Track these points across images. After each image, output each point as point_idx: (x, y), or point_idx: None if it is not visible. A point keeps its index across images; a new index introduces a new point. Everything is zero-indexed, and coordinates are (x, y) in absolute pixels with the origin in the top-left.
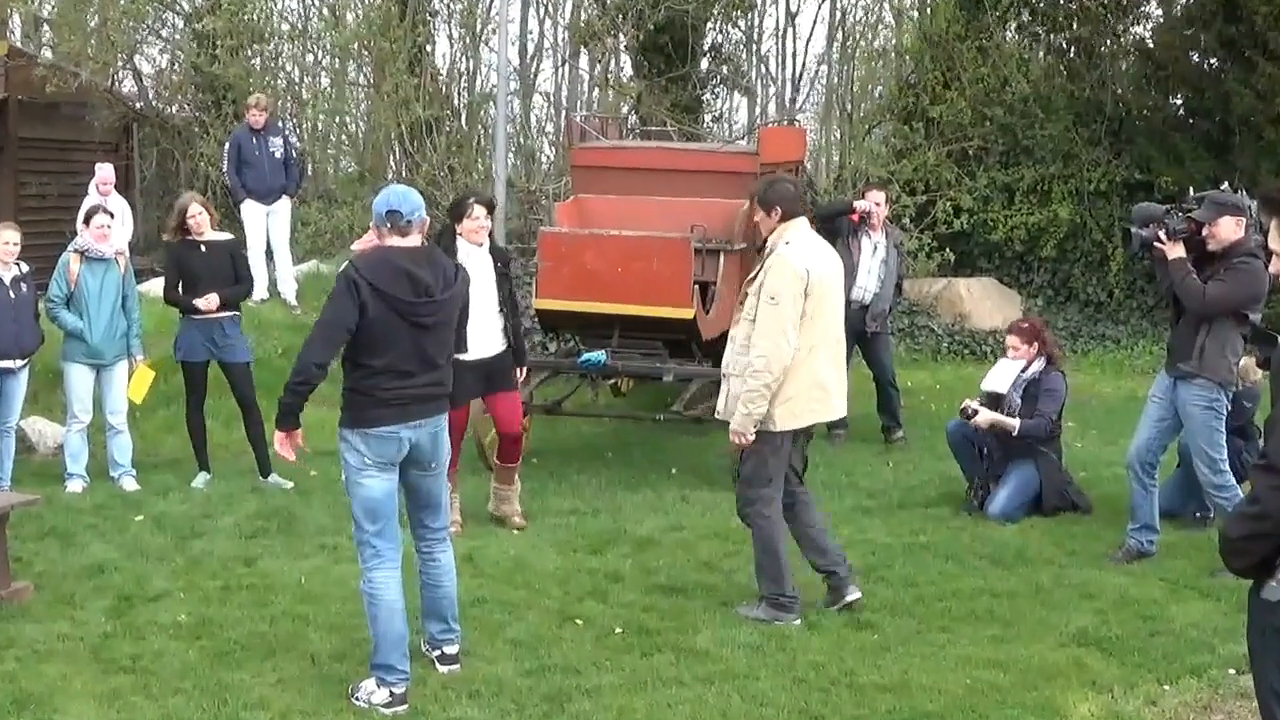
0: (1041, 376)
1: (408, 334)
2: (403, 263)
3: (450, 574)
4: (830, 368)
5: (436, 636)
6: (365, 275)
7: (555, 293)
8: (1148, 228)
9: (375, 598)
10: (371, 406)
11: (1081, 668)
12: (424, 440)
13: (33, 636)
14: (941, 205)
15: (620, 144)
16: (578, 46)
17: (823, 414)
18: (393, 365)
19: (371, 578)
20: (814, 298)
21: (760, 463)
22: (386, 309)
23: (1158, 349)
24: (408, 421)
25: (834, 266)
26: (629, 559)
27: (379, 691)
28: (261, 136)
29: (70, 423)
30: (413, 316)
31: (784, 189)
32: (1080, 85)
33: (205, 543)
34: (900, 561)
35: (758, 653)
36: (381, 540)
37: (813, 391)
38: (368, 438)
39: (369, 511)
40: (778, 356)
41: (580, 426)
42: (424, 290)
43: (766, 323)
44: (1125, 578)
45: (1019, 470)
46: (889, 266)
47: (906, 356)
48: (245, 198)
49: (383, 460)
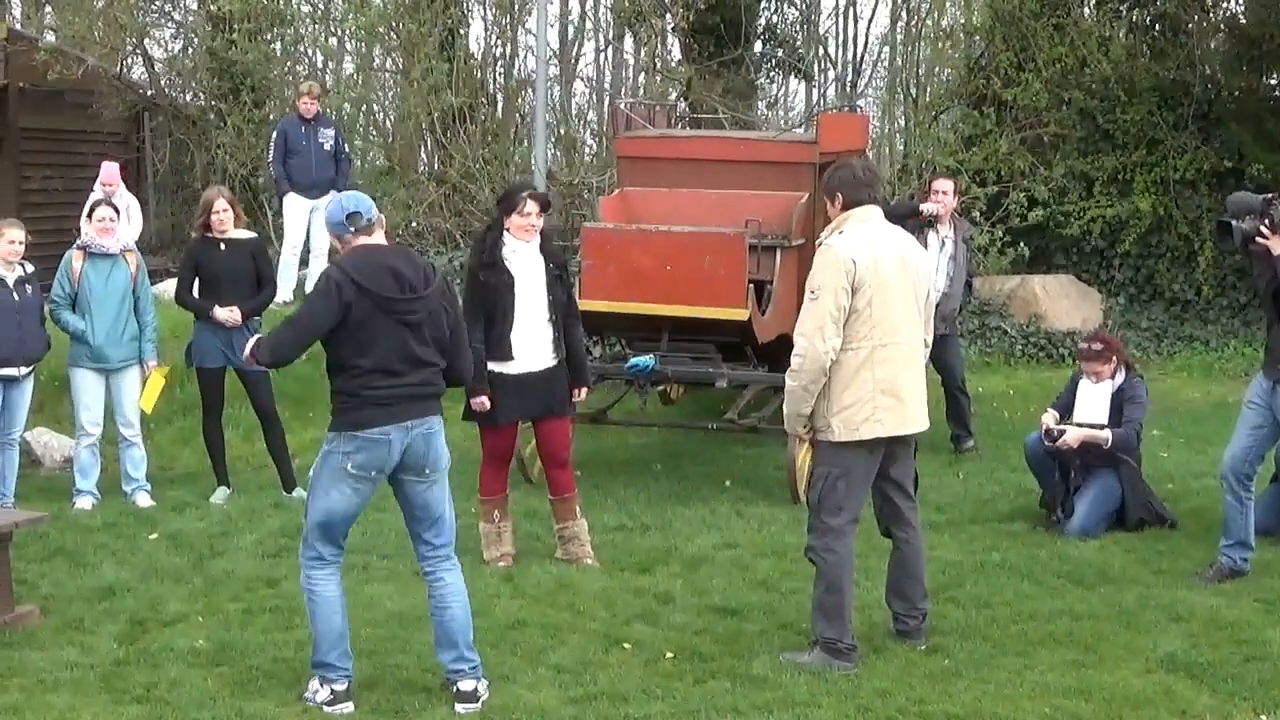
0: (1124, 385)
1: (394, 331)
2: (385, 259)
3: (459, 596)
4: (903, 373)
5: (449, 668)
6: (350, 273)
7: (600, 293)
8: (1247, 220)
9: (313, 594)
10: (361, 407)
11: (1170, 696)
12: (417, 443)
13: (39, 665)
14: (1014, 196)
15: (669, 133)
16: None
17: (894, 426)
18: (380, 364)
19: (310, 575)
20: (868, 292)
21: (828, 487)
22: (372, 306)
23: (1250, 351)
24: (398, 422)
25: (900, 258)
26: (680, 579)
27: (321, 690)
28: (311, 127)
29: (80, 436)
30: (398, 313)
31: (844, 174)
32: (1166, 66)
33: (225, 562)
34: (972, 581)
35: (819, 679)
36: (328, 546)
37: (878, 399)
38: (357, 440)
39: (323, 524)
40: (813, 355)
41: (627, 436)
42: (408, 286)
43: (804, 318)
44: (1217, 598)
45: (1100, 481)
46: (958, 263)
47: (978, 360)
48: (289, 190)
49: (365, 470)
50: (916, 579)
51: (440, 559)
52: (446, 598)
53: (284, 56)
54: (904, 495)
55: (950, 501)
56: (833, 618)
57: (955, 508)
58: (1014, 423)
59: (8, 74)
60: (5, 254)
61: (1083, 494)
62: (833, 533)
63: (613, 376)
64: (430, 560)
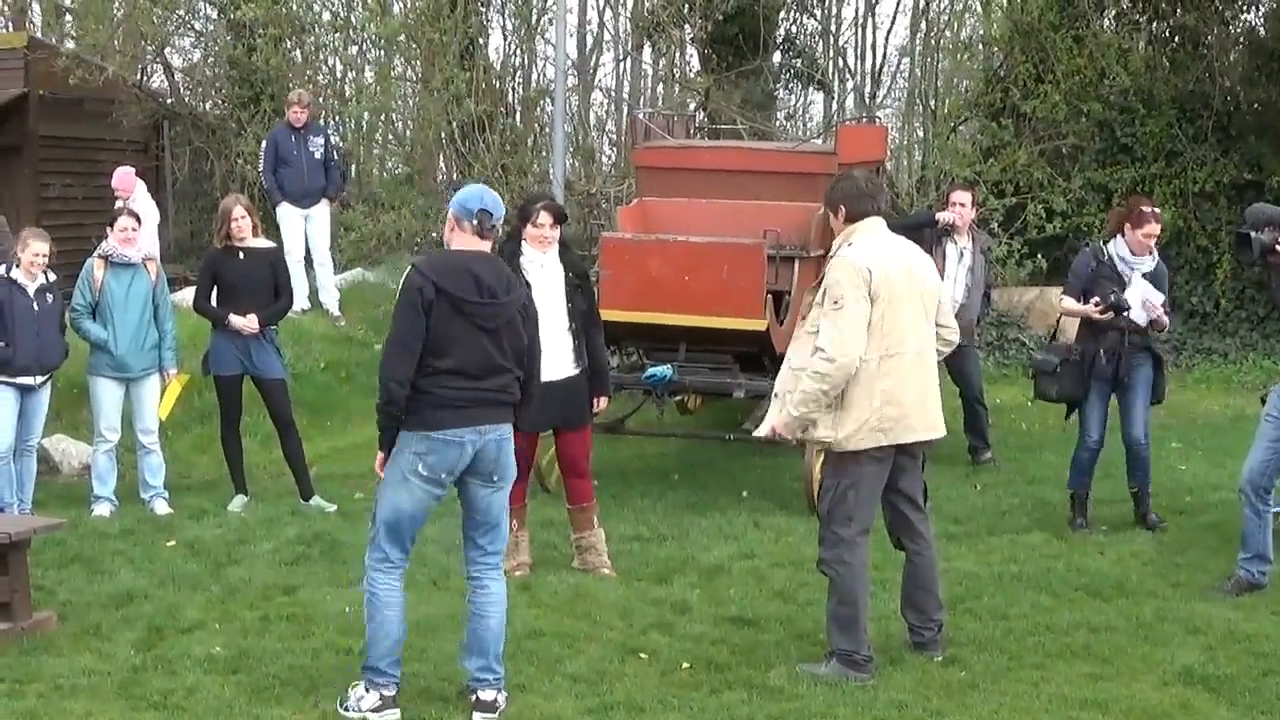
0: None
1: (471, 335)
2: (467, 263)
3: (499, 606)
4: (909, 383)
5: (475, 675)
6: (430, 275)
7: (618, 303)
8: (1266, 231)
9: (374, 597)
10: (434, 407)
11: (1187, 709)
12: (489, 448)
13: (56, 671)
14: (1033, 208)
15: (687, 143)
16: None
17: (899, 435)
18: (457, 366)
19: (374, 577)
20: (881, 304)
21: (838, 498)
22: (451, 309)
23: (1269, 363)
24: (472, 425)
25: (907, 266)
26: (697, 589)
27: (368, 696)
28: (301, 135)
29: (97, 442)
30: (477, 317)
31: (846, 186)
32: (1185, 78)
33: (242, 570)
34: (989, 592)
35: (835, 690)
36: (395, 549)
37: (885, 410)
38: (429, 440)
39: (393, 521)
40: (844, 363)
41: (644, 446)
42: (488, 291)
43: (831, 327)
44: (1235, 611)
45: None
46: (976, 274)
47: (995, 371)
48: (281, 200)
49: (436, 472)
50: (930, 591)
51: (489, 566)
52: (487, 606)
53: (304, 65)
54: (914, 507)
55: (967, 513)
56: (847, 629)
57: (972, 519)
58: (1032, 434)
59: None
60: (29, 265)
61: (1135, 396)
62: (844, 544)
63: (630, 386)
64: (479, 565)
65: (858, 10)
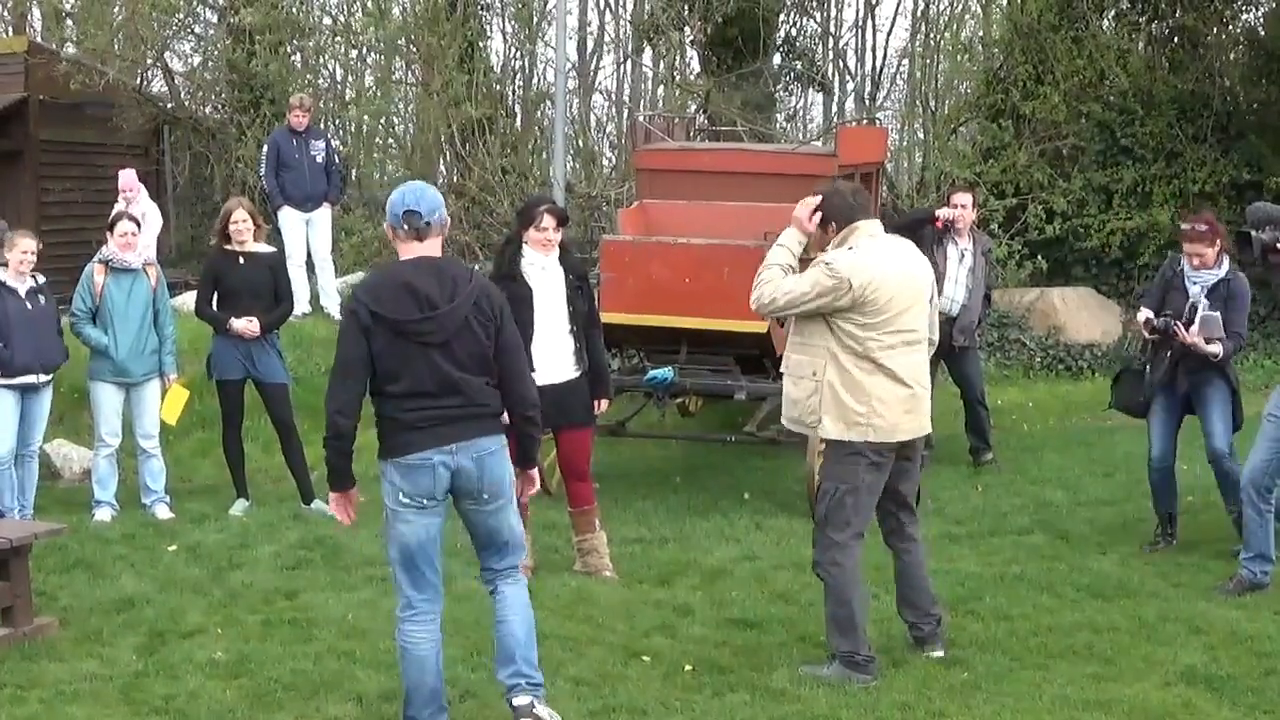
0: (1229, 277)
1: (420, 354)
2: (405, 276)
3: (517, 610)
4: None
5: (505, 683)
6: (364, 299)
7: (619, 305)
8: (1266, 230)
9: (405, 650)
10: (399, 432)
11: (1190, 709)
12: (467, 467)
13: (58, 676)
14: (1033, 209)
15: (687, 145)
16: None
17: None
18: (412, 388)
19: (403, 629)
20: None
21: (836, 503)
22: (390, 332)
23: (1270, 363)
24: (440, 445)
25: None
26: (699, 591)
27: None
28: (302, 139)
29: (98, 447)
30: (418, 335)
31: (837, 201)
32: (1184, 78)
33: (244, 574)
34: (991, 593)
35: (838, 692)
36: (415, 590)
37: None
38: (401, 468)
39: (401, 558)
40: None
41: (646, 449)
42: (427, 304)
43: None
44: (1237, 611)
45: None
46: (976, 276)
47: (996, 372)
48: (283, 204)
49: (418, 497)
50: (922, 588)
51: (502, 578)
52: (504, 610)
53: (304, 69)
54: (906, 510)
55: (969, 514)
56: (846, 631)
57: (974, 520)
58: (1033, 435)
59: (28, 86)
60: (17, 264)
61: (1212, 410)
62: (837, 547)
63: (631, 389)
64: (489, 579)
65: (858, 12)
